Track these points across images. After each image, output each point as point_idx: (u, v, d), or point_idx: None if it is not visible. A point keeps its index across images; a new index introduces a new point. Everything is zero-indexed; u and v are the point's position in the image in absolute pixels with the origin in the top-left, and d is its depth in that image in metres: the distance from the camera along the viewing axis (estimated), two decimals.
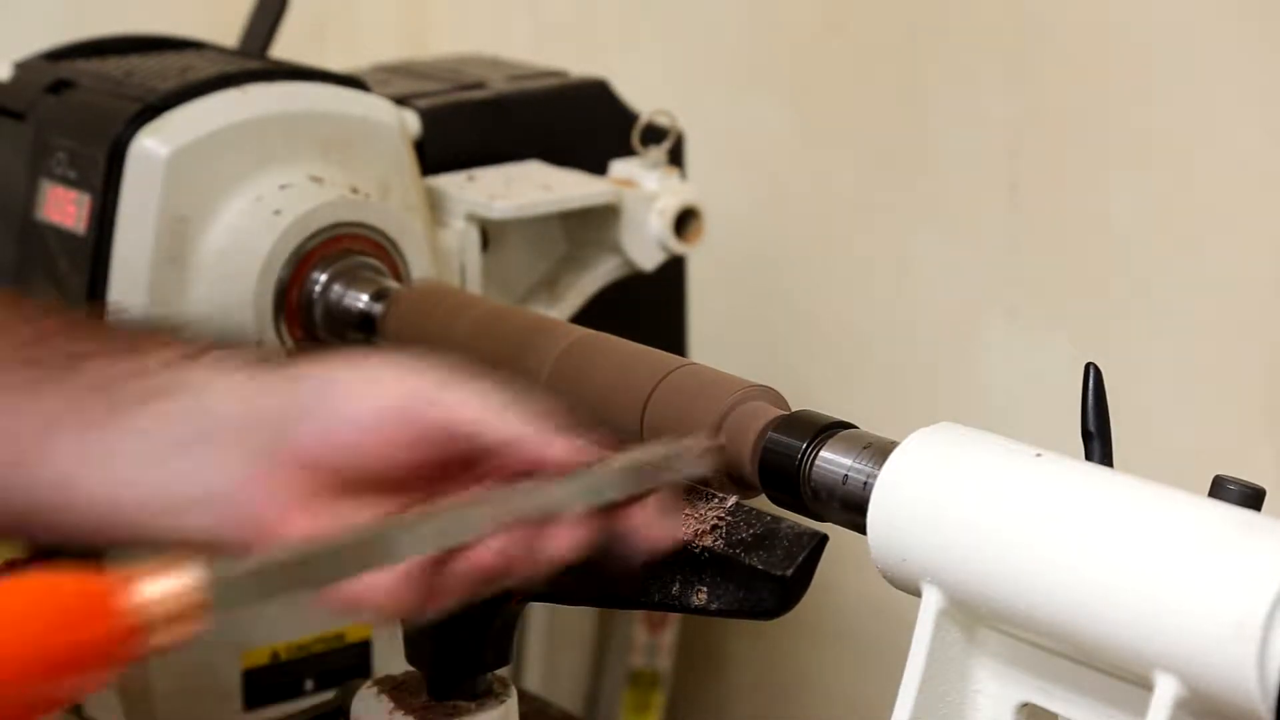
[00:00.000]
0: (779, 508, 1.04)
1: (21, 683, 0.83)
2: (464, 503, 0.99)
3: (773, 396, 1.08)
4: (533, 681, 1.69)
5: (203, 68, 1.41)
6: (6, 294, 1.14)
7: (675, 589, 1.03)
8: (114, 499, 1.05)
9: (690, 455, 1.03)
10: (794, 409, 1.07)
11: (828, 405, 1.09)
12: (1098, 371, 0.99)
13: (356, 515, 1.01)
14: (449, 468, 1.03)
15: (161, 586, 0.87)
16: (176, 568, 0.88)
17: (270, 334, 1.35)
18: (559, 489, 0.99)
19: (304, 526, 1.01)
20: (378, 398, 1.02)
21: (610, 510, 1.01)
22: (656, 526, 1.01)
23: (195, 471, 1.04)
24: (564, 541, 0.99)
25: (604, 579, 1.05)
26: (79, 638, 0.85)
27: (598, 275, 1.52)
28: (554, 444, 1.00)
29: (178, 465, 1.04)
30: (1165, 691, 0.85)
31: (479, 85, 1.56)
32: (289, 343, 1.37)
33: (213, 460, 1.04)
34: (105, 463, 1.05)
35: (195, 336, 1.10)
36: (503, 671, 1.15)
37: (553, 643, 1.71)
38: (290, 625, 1.42)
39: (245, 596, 0.90)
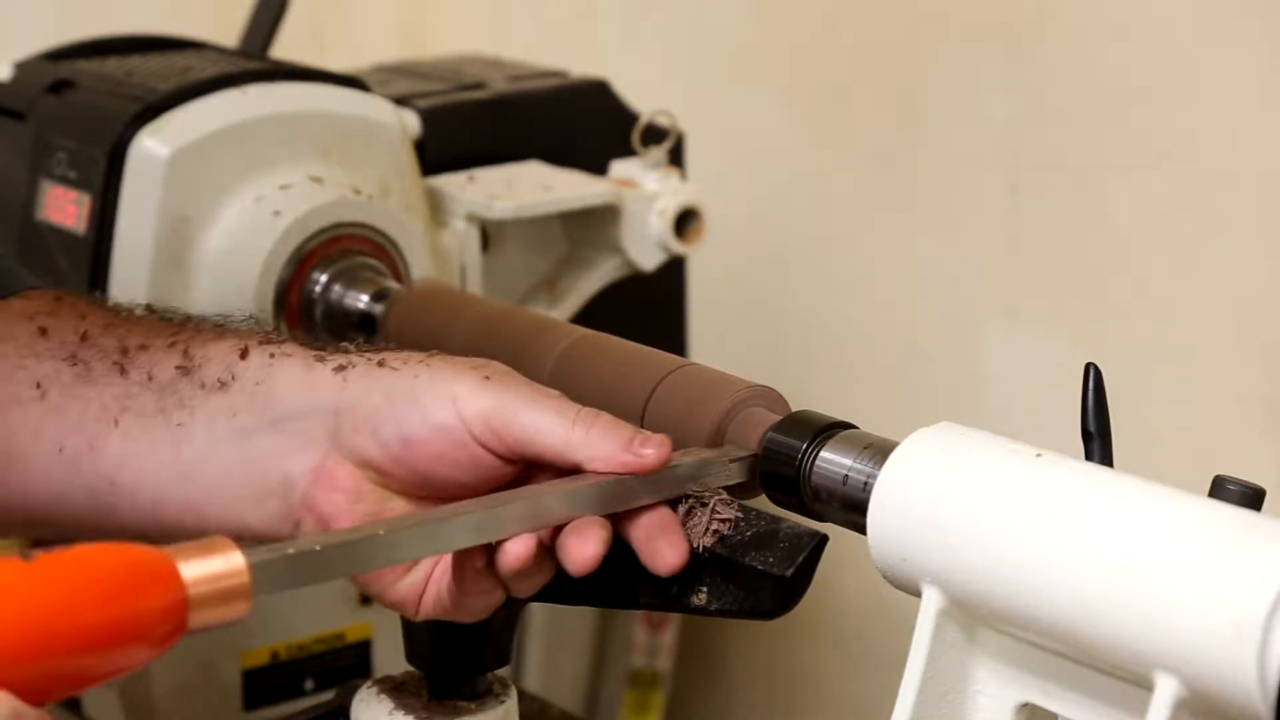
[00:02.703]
0: (779, 508, 1.04)
1: (70, 653, 0.83)
2: (497, 500, 0.99)
3: (773, 397, 1.08)
4: (533, 681, 1.69)
5: (203, 68, 1.41)
6: (52, 293, 1.13)
7: (675, 589, 1.03)
8: (167, 491, 1.05)
9: (723, 464, 1.04)
10: (794, 409, 1.07)
11: (828, 405, 1.09)
12: (1098, 371, 0.99)
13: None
14: (515, 480, 1.03)
15: (206, 567, 0.87)
16: (219, 549, 0.88)
17: None
18: (591, 491, 0.99)
19: (354, 521, 1.01)
20: (448, 413, 1.01)
21: (633, 515, 1.01)
22: (673, 540, 1.01)
23: (252, 460, 1.03)
24: (589, 544, 0.99)
25: (605, 580, 1.05)
26: (127, 610, 0.84)
27: (598, 275, 1.52)
28: (622, 462, 1.00)
29: (239, 456, 1.03)
30: (1165, 691, 0.85)
31: (479, 85, 1.56)
32: None
33: (271, 449, 1.03)
34: (159, 456, 1.05)
35: (243, 328, 1.09)
36: (503, 671, 1.15)
37: (553, 643, 1.71)
38: (290, 625, 1.43)
39: (284, 580, 0.90)
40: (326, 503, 1.02)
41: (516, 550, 0.98)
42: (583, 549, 0.98)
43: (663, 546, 1.00)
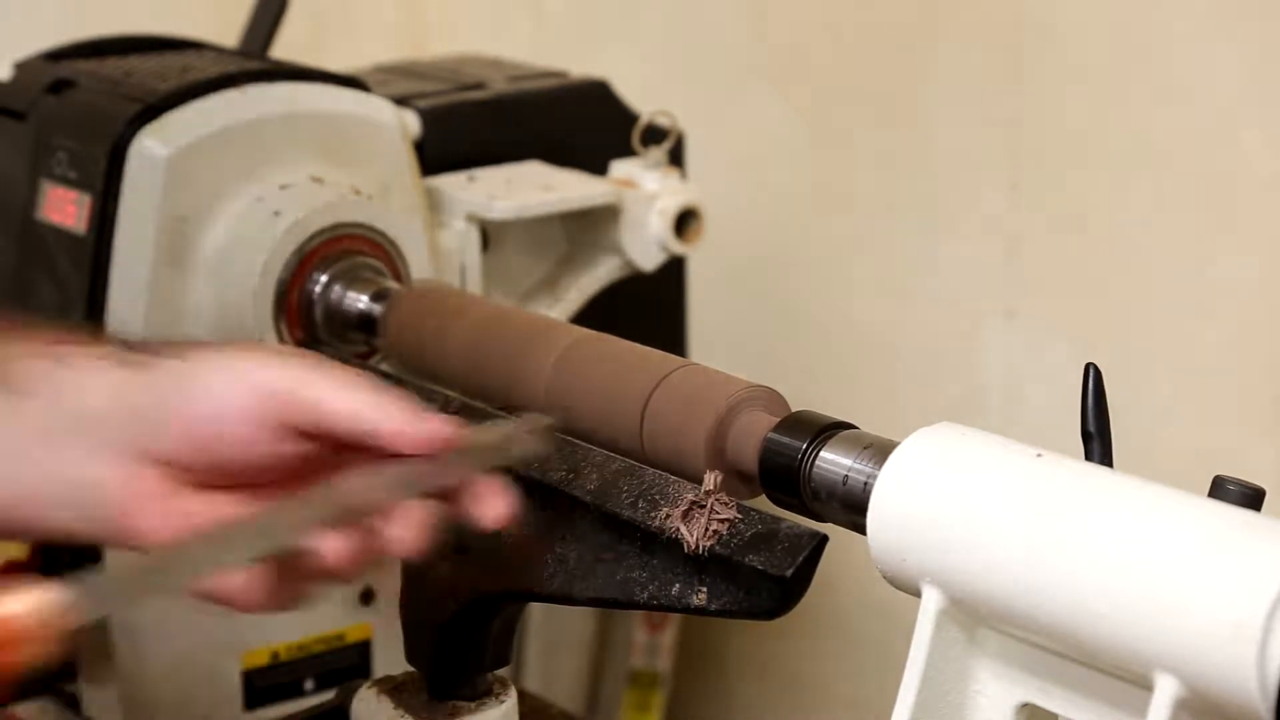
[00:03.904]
0: (779, 508, 1.04)
1: None
2: (292, 503, 0.98)
3: (773, 397, 1.08)
4: (533, 681, 1.69)
5: (203, 68, 1.41)
6: None
7: (675, 589, 1.03)
8: None
9: (524, 436, 1.03)
10: (794, 409, 1.07)
11: (828, 405, 1.09)
12: (1098, 371, 0.99)
13: (221, 509, 1.00)
14: (315, 459, 1.01)
15: (24, 602, 0.86)
16: (38, 584, 0.87)
17: (270, 335, 1.35)
18: (390, 480, 0.98)
19: (166, 523, 1.00)
20: (239, 390, 1.00)
21: (450, 493, 1.00)
22: (496, 501, 1.00)
23: (62, 466, 1.02)
24: (406, 532, 0.98)
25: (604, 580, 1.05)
26: None
27: (598, 275, 1.52)
28: (415, 430, 0.99)
29: (43, 459, 1.02)
30: (1165, 691, 0.85)
31: (479, 85, 1.56)
32: (289, 343, 1.37)
33: (79, 455, 1.02)
34: None
35: (58, 330, 1.09)
36: (503, 671, 1.15)
37: (553, 643, 1.71)
38: (290, 625, 1.43)
39: (104, 607, 0.90)
40: (137, 505, 1.02)
41: (334, 545, 0.97)
42: (400, 533, 0.97)
43: (491, 503, 1.00)
